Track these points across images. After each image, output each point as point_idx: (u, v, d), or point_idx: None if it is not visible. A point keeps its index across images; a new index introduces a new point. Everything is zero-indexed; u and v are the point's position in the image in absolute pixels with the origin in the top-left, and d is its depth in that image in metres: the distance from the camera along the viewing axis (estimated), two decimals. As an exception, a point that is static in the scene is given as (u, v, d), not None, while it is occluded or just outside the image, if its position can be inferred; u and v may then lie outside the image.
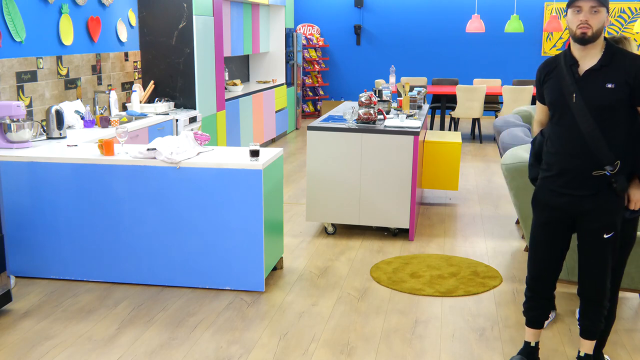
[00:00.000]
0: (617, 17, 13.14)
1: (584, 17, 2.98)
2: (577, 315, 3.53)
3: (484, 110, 11.13)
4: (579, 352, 3.42)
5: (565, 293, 4.59)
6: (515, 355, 3.55)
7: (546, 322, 4.07)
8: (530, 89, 10.45)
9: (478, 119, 11.01)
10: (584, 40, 3.00)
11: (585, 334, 3.36)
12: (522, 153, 4.10)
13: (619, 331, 4.02)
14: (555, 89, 3.14)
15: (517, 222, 6.23)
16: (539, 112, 3.38)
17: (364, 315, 4.21)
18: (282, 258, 5.03)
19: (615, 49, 3.07)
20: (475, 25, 10.88)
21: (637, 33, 12.82)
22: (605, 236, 3.14)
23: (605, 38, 3.09)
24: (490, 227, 6.15)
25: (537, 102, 3.37)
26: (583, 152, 3.07)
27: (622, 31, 13.15)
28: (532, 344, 3.53)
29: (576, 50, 3.09)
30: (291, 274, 4.93)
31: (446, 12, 13.56)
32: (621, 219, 3.17)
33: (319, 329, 4.01)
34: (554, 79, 3.16)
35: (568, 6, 3.05)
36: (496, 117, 11.19)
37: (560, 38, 13.37)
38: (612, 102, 3.01)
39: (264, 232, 4.47)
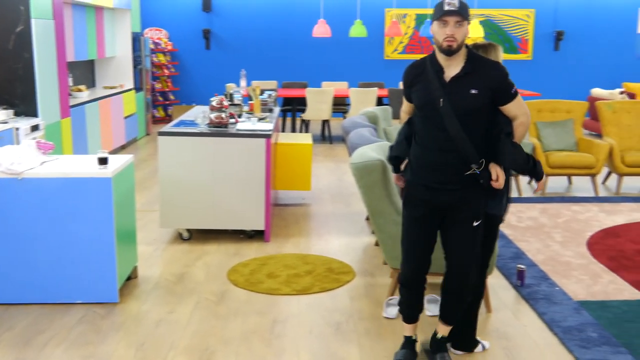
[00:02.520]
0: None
1: (450, 31, 3.14)
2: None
3: (333, 112, 11.40)
4: (436, 332, 3.65)
5: (414, 283, 4.80)
6: (399, 350, 3.67)
7: (397, 310, 4.24)
8: (375, 91, 10.83)
9: (327, 121, 11.26)
10: (450, 52, 3.18)
11: (445, 319, 3.59)
12: (369, 152, 4.23)
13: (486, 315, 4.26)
14: (424, 94, 3.30)
15: (367, 219, 6.44)
16: (406, 106, 3.55)
17: (223, 319, 4.18)
18: (136, 267, 4.87)
19: (476, 56, 3.29)
20: (321, 30, 11.12)
21: (469, 37, 13.66)
22: (474, 224, 3.37)
23: (466, 45, 3.31)
24: (343, 225, 6.31)
25: (404, 98, 3.54)
26: (451, 150, 3.26)
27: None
28: (413, 337, 3.68)
29: (441, 58, 3.26)
30: (146, 282, 4.79)
31: (293, 17, 13.75)
32: (485, 207, 3.43)
33: (177, 336, 3.93)
34: (421, 83, 3.32)
35: (434, 19, 3.20)
36: (344, 118, 11.49)
37: (401, 42, 13.97)
38: (476, 107, 3.23)
39: (116, 242, 4.30)
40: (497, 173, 3.28)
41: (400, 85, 12.22)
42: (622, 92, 11.97)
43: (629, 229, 6.17)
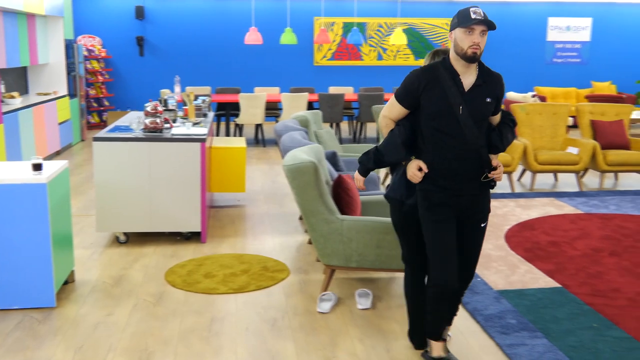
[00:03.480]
0: (376, 31, 14.12)
1: (476, 40, 3.10)
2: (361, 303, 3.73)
3: (266, 116, 11.37)
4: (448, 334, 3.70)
5: (344, 278, 4.84)
6: None
7: (330, 305, 4.27)
8: (306, 96, 10.86)
9: (261, 125, 11.22)
10: (474, 59, 3.13)
11: (449, 320, 3.64)
12: (301, 154, 4.24)
13: (392, 307, 4.33)
14: (441, 100, 3.19)
15: (301, 218, 6.45)
16: (396, 112, 3.34)
17: (161, 320, 4.10)
18: (73, 271, 4.73)
19: (484, 66, 3.31)
20: (253, 37, 11.07)
21: (392, 45, 13.87)
22: (482, 225, 3.43)
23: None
24: (277, 224, 6.30)
25: (397, 103, 3.33)
26: (468, 157, 3.24)
27: (382, 43, 14.15)
28: (447, 355, 3.53)
29: (459, 65, 3.20)
30: (84, 286, 4.65)
31: (226, 24, 13.64)
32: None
33: (115, 338, 3.83)
34: (436, 89, 3.20)
35: (460, 25, 3.12)
36: (277, 122, 11.48)
37: (329, 49, 14.06)
38: (488, 115, 3.29)
39: (52, 247, 4.16)
40: (498, 164, 3.37)
41: (336, 90, 12.34)
42: (534, 96, 12.39)
43: (542, 222, 6.39)
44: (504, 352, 3.70)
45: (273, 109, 11.86)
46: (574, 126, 12.21)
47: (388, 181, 8.00)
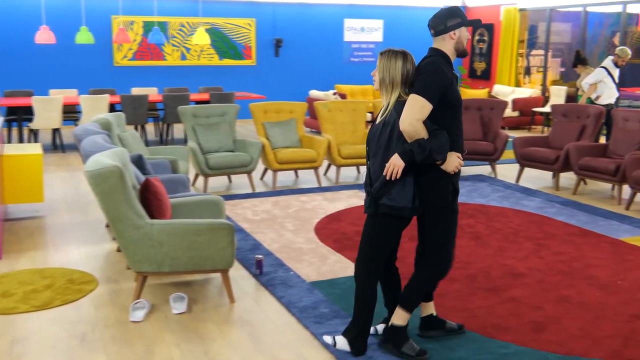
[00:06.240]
0: (178, 30, 13.89)
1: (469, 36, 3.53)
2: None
3: (64, 120, 10.70)
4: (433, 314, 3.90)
5: (157, 284, 4.71)
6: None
7: (143, 313, 4.14)
8: (107, 98, 10.38)
9: (58, 129, 10.54)
10: (466, 55, 3.57)
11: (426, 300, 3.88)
12: (104, 159, 4.04)
13: (209, 309, 4.30)
14: (458, 93, 3.50)
15: (107, 226, 6.16)
16: (427, 112, 3.35)
17: (-48, 348, 3.70)
18: None
19: None
20: (44, 36, 10.36)
21: (196, 44, 13.73)
22: None
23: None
24: (82, 234, 5.96)
25: (427, 103, 3.33)
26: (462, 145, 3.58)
27: (185, 43, 13.95)
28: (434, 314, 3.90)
29: (449, 61, 3.50)
30: None
31: (13, 22, 12.62)
32: None
33: None
34: (454, 83, 3.46)
35: (466, 25, 3.47)
36: (76, 126, 10.85)
37: (130, 49, 13.58)
38: None
39: None
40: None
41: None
42: (335, 93, 12.98)
43: (348, 213, 6.72)
44: (319, 341, 3.83)
45: (71, 112, 11.19)
46: (372, 121, 12.96)
47: (199, 184, 7.92)
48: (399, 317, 3.67)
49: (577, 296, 4.53)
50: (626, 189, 7.43)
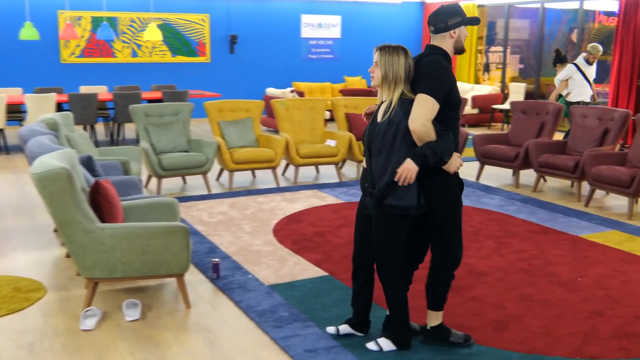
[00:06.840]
0: (129, 26, 13.69)
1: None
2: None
3: (7, 120, 10.45)
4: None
5: (109, 290, 4.63)
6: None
7: (95, 321, 4.06)
8: (54, 97, 10.17)
9: (2, 130, 10.28)
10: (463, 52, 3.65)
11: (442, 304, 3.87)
12: (51, 161, 3.95)
13: (164, 315, 4.24)
14: (459, 92, 3.56)
15: (56, 230, 6.03)
16: (436, 112, 3.41)
17: None
18: None
19: None
20: (-14, 32, 10.08)
21: (147, 41, 13.55)
22: None
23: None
24: (28, 239, 5.82)
25: (435, 102, 3.38)
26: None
27: (136, 39, 13.76)
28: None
29: (449, 59, 3.55)
30: None
31: (-49, 17, 12.25)
32: None
33: None
34: (455, 81, 3.53)
35: (466, 23, 3.53)
36: (21, 126, 10.60)
37: (78, 45, 13.33)
38: None
39: None
40: None
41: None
42: (292, 91, 12.97)
43: (308, 214, 6.71)
44: (279, 345, 3.82)
45: (16, 112, 10.92)
46: (331, 119, 12.99)
47: (152, 186, 7.81)
48: (434, 318, 3.81)
49: (539, 294, 4.62)
50: (585, 186, 7.61)
